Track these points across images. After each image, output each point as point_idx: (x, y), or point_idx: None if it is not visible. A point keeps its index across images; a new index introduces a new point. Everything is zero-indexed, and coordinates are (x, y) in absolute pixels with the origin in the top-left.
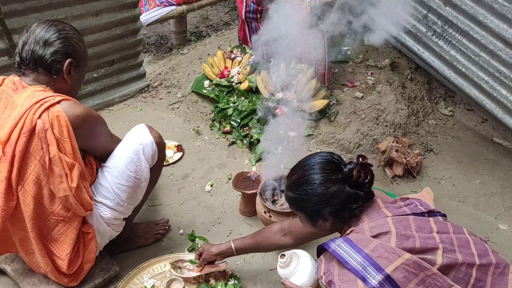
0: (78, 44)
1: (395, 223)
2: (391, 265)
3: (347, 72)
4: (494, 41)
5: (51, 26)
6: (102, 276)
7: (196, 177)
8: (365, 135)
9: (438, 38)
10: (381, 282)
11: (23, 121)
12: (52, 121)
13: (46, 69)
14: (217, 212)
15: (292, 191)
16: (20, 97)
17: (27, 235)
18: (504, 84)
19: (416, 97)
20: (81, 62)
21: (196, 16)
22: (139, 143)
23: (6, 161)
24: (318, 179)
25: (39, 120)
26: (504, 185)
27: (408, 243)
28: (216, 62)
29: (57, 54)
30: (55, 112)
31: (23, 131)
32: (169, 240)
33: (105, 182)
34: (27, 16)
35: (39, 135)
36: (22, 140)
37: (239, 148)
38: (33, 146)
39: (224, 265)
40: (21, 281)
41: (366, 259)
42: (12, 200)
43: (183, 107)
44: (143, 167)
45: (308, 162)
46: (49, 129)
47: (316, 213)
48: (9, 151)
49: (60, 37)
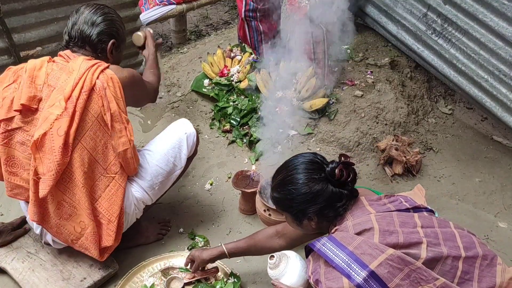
0: (121, 27)
1: (378, 219)
2: (375, 261)
3: (347, 70)
4: (494, 39)
5: (98, 9)
6: (102, 274)
7: (196, 176)
8: (365, 133)
9: (437, 36)
10: (365, 278)
11: (83, 80)
12: (107, 81)
13: (92, 47)
14: (217, 211)
15: (277, 191)
16: (75, 63)
17: (65, 198)
18: (503, 82)
19: (415, 95)
20: (121, 43)
21: (196, 15)
22: (184, 132)
23: (67, 116)
24: (302, 179)
25: (97, 80)
26: (504, 184)
27: (391, 238)
28: (215, 61)
29: (103, 35)
30: (109, 73)
31: (83, 89)
32: (169, 238)
33: (145, 163)
34: (27, 15)
35: (99, 93)
36: (83, 98)
37: (238, 147)
38: (92, 104)
39: (215, 270)
40: (21, 280)
41: (351, 256)
42: (67, 156)
43: (183, 106)
44: (182, 155)
45: (291, 163)
46: (107, 88)
47: (301, 212)
48: (71, 107)
49: (106, 19)
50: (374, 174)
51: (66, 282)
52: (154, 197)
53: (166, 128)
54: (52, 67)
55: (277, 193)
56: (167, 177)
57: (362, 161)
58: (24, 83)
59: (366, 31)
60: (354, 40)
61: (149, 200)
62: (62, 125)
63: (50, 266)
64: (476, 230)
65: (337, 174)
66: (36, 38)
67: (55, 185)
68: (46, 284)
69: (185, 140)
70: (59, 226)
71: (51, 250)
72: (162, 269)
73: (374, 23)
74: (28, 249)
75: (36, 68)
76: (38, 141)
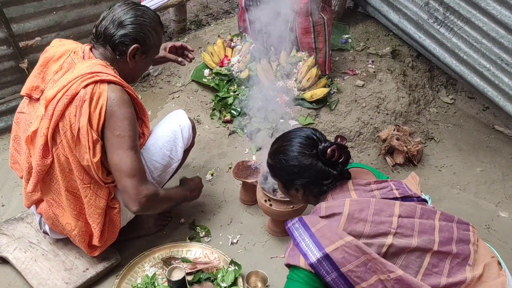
0: (151, 33)
1: (352, 205)
2: (332, 245)
3: (348, 60)
4: (496, 28)
5: (131, 9)
6: (104, 265)
7: (197, 166)
8: (366, 123)
9: (439, 25)
10: (319, 259)
11: (70, 85)
12: (93, 95)
13: (113, 48)
14: (217, 201)
15: (271, 158)
16: (82, 65)
17: (54, 197)
18: (506, 71)
19: (417, 85)
20: (150, 50)
21: (196, 4)
22: (178, 124)
23: (47, 118)
24: (293, 152)
25: (83, 89)
26: (505, 173)
27: (357, 226)
28: (216, 51)
29: (126, 37)
30: (101, 88)
31: (66, 93)
32: (170, 229)
33: (141, 158)
34: (25, 5)
35: (76, 102)
36: (63, 102)
37: (239, 137)
38: (69, 110)
39: (217, 261)
40: (23, 269)
41: (311, 238)
42: (48, 158)
43: (183, 96)
44: (178, 148)
45: (288, 135)
46: (87, 100)
47: (288, 182)
48: (50, 109)
49: (134, 22)
50: (375, 164)
51: (69, 272)
52: None
53: (162, 120)
54: (68, 61)
55: (270, 159)
56: (164, 171)
57: (363, 151)
58: (34, 70)
59: (367, 20)
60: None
61: None
62: (43, 126)
63: (52, 256)
64: (477, 220)
65: (328, 153)
66: (35, 28)
67: (45, 184)
68: (49, 274)
69: (180, 133)
70: (54, 219)
71: (53, 241)
72: (163, 258)
73: (375, 12)
74: (30, 239)
75: (53, 58)
76: (31, 137)
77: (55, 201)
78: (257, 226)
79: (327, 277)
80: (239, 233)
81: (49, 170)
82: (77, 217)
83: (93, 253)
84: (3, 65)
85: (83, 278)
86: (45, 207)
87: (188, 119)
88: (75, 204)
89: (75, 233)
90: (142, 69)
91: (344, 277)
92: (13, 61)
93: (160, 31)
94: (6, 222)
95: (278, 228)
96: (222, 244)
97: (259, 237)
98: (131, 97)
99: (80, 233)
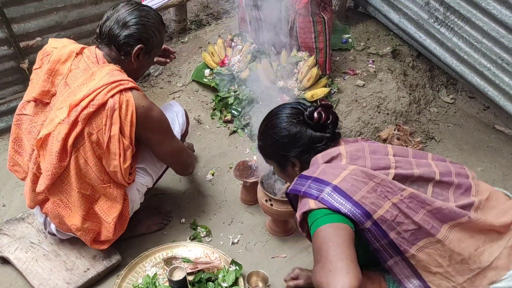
0: (154, 33)
1: (347, 148)
2: (338, 178)
3: (348, 60)
4: (497, 28)
5: (135, 10)
6: (105, 265)
7: (198, 166)
8: (366, 123)
9: (440, 25)
10: (329, 193)
11: (96, 94)
12: (121, 104)
13: (118, 48)
14: (218, 201)
15: (260, 139)
16: (101, 72)
17: (62, 198)
18: (506, 71)
19: (417, 84)
20: (153, 49)
21: (196, 4)
22: (173, 111)
23: (66, 124)
24: (281, 123)
25: (111, 99)
26: (505, 173)
27: (358, 162)
28: (216, 51)
29: (130, 38)
30: (126, 96)
31: (92, 102)
32: (171, 229)
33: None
34: (26, 5)
35: (107, 112)
36: (89, 110)
37: (240, 137)
38: (97, 118)
39: (217, 261)
40: (24, 269)
41: (315, 181)
42: (65, 161)
43: (183, 96)
44: (176, 132)
45: (273, 111)
46: (117, 109)
47: (283, 158)
48: (73, 115)
49: (138, 22)
50: None
51: (70, 272)
52: (155, 176)
53: None
54: (78, 65)
55: (260, 141)
56: None
57: None
58: (42, 75)
59: (367, 20)
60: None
61: (150, 181)
62: (62, 131)
63: (53, 256)
64: None
65: (315, 117)
66: (36, 28)
67: (54, 185)
68: (50, 274)
69: (176, 118)
70: (60, 218)
71: (54, 241)
72: (164, 258)
73: (375, 12)
74: (31, 239)
75: (60, 60)
76: (42, 140)
77: (63, 202)
78: (258, 226)
79: (342, 209)
80: (240, 233)
81: (62, 172)
82: (85, 218)
83: (101, 246)
84: (3, 65)
85: (84, 278)
86: (51, 207)
87: (180, 106)
88: (85, 205)
89: (81, 232)
90: (145, 68)
91: (359, 205)
92: (14, 61)
93: (162, 30)
94: (7, 222)
95: (279, 228)
96: (223, 244)
97: (260, 237)
98: None
99: (87, 232)
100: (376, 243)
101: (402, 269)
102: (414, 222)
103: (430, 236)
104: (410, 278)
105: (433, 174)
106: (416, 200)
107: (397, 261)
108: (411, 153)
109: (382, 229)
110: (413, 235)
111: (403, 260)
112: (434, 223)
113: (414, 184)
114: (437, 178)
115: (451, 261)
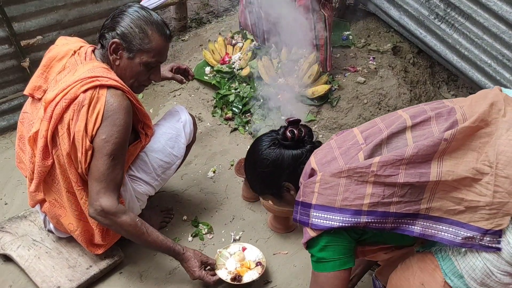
0: (134, 31)
1: (316, 157)
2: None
3: (349, 57)
4: (497, 24)
5: (129, 8)
6: (107, 263)
7: (199, 164)
8: (367, 120)
9: (440, 21)
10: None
11: (70, 88)
12: (92, 100)
13: (102, 44)
14: (220, 198)
15: (249, 180)
16: (83, 67)
17: (56, 198)
18: (507, 67)
19: (418, 81)
20: (136, 49)
21: (197, 2)
22: (180, 121)
23: (46, 120)
24: (261, 155)
25: (82, 94)
26: None
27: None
28: (217, 49)
29: (107, 29)
30: (100, 93)
31: (65, 97)
32: (173, 226)
33: (145, 157)
34: (26, 4)
35: (74, 107)
36: (61, 105)
37: (241, 135)
38: (68, 114)
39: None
40: (27, 267)
41: (302, 206)
42: (48, 159)
43: (184, 94)
44: (181, 144)
45: (251, 149)
46: (85, 106)
47: (276, 187)
48: (49, 111)
49: (120, 16)
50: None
51: (72, 269)
52: (158, 187)
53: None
54: (71, 62)
55: (250, 181)
56: (169, 168)
57: None
58: (38, 70)
59: (368, 16)
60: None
61: (152, 191)
62: (43, 128)
63: (56, 254)
64: None
65: (289, 136)
66: (37, 27)
67: (47, 184)
68: (52, 272)
69: (182, 129)
70: (57, 217)
71: (57, 239)
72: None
73: (376, 9)
74: (34, 237)
75: (57, 57)
76: (32, 137)
77: (57, 202)
78: (259, 222)
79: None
80: (242, 230)
81: (50, 171)
82: (78, 217)
83: (96, 251)
84: (4, 64)
85: (87, 275)
86: (48, 207)
87: (188, 114)
88: (76, 204)
89: (78, 233)
90: (134, 71)
91: (344, 210)
92: (15, 60)
93: (152, 32)
94: (10, 220)
95: (280, 225)
96: (224, 241)
97: (261, 233)
98: (132, 103)
99: (82, 233)
100: (387, 225)
101: (432, 228)
102: (402, 184)
103: (426, 183)
104: (448, 230)
105: (404, 122)
106: (387, 164)
107: (422, 224)
108: (380, 119)
109: (379, 212)
110: (412, 194)
111: (424, 219)
112: (420, 170)
113: (390, 144)
114: (409, 123)
115: (463, 189)
